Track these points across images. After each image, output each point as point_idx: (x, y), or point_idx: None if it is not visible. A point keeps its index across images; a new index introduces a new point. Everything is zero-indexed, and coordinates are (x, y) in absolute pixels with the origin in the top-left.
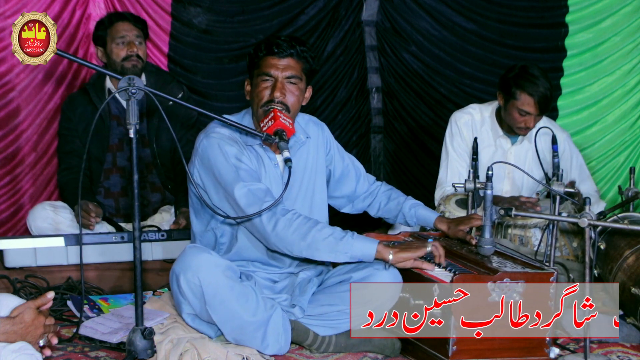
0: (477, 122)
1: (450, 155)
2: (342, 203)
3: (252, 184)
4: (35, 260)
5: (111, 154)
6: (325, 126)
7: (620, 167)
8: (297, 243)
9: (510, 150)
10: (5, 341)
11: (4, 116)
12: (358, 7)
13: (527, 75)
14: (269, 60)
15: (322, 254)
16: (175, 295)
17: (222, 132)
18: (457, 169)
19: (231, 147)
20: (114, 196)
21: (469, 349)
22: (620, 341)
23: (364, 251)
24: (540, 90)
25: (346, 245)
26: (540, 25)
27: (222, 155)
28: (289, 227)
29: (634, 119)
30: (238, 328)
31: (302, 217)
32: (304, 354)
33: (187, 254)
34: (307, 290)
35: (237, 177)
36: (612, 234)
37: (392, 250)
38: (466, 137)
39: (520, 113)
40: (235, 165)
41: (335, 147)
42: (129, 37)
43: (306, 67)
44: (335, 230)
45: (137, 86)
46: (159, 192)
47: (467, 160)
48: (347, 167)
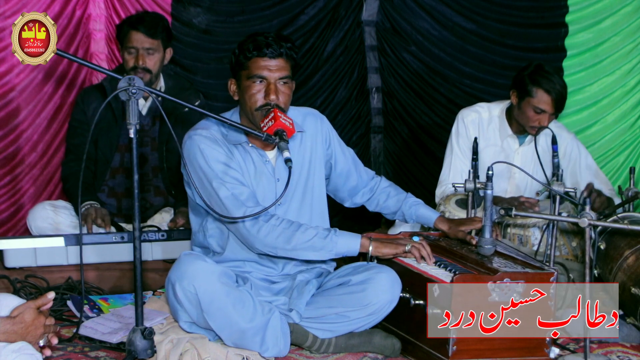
0: (485, 120)
1: (455, 153)
2: (342, 197)
3: (236, 187)
4: (35, 260)
5: (119, 154)
6: (325, 119)
7: (620, 167)
8: (282, 246)
9: (517, 151)
10: (5, 341)
11: (4, 116)
12: (358, 7)
13: (543, 73)
14: (259, 62)
15: (308, 254)
16: (171, 303)
17: (206, 133)
18: (459, 168)
19: (213, 149)
20: (117, 196)
21: (469, 349)
22: (620, 341)
23: (348, 247)
24: (557, 88)
25: (330, 243)
26: (540, 25)
27: (203, 157)
28: (273, 231)
29: (634, 119)
30: (236, 333)
31: (285, 221)
32: (304, 354)
33: (182, 262)
34: (304, 293)
35: (219, 179)
36: (612, 234)
37: (373, 244)
38: (472, 136)
39: (535, 111)
40: (217, 168)
41: (336, 141)
42: (139, 48)
43: (293, 64)
44: (318, 230)
45: (137, 86)
46: (162, 196)
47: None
48: (348, 161)
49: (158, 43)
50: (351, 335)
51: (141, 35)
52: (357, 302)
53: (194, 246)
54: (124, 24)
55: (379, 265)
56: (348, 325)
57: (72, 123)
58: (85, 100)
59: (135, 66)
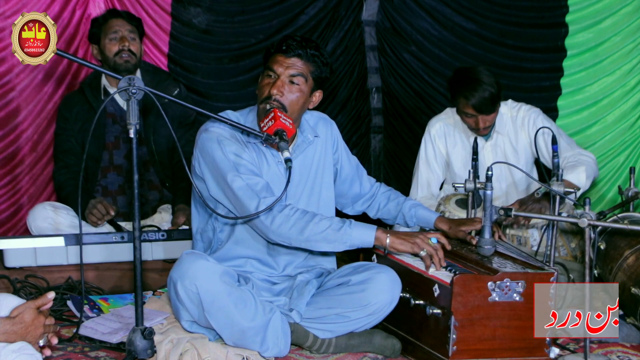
0: (450, 125)
1: (420, 167)
2: (344, 203)
3: (251, 178)
4: (35, 260)
5: (107, 152)
6: (334, 124)
7: (620, 167)
8: (295, 237)
9: (484, 147)
10: (5, 341)
11: (4, 116)
12: (358, 7)
13: (462, 79)
14: (276, 58)
15: (322, 246)
16: (173, 302)
17: (221, 130)
18: (425, 181)
19: (230, 144)
20: (111, 195)
21: (469, 349)
22: (620, 341)
23: (362, 239)
24: (475, 93)
25: (344, 235)
26: (540, 25)
27: (220, 149)
28: (287, 222)
29: (634, 119)
30: (237, 333)
31: (299, 211)
32: (304, 354)
33: (183, 261)
34: (304, 293)
35: (235, 170)
36: (612, 234)
37: (391, 238)
38: (439, 145)
39: (466, 115)
40: (233, 160)
41: (343, 147)
42: (122, 32)
43: (315, 71)
44: (332, 222)
45: (138, 86)
46: (156, 190)
47: (438, 170)
48: (352, 168)
49: (136, 33)
50: (351, 335)
51: (122, 20)
52: (357, 302)
53: (196, 241)
54: (102, 16)
55: (379, 265)
56: (348, 326)
57: (57, 131)
58: (67, 107)
59: (121, 49)
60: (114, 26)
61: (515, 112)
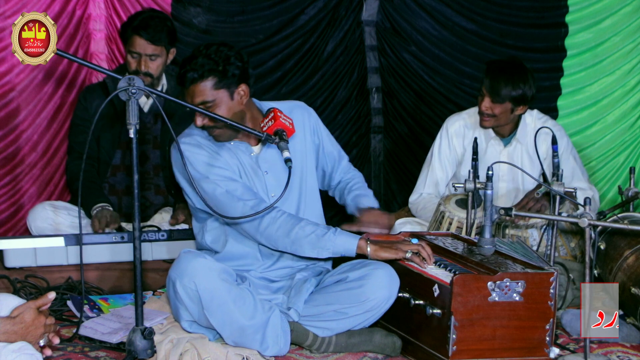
0: (470, 125)
1: (432, 165)
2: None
3: (228, 184)
4: (35, 260)
5: (121, 151)
6: (312, 111)
7: (620, 167)
8: (281, 240)
9: (502, 153)
10: (5, 341)
11: (4, 116)
12: (358, 7)
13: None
14: (187, 92)
15: (306, 251)
16: (172, 301)
17: (188, 140)
18: (435, 179)
19: (197, 154)
20: (117, 194)
21: (469, 349)
22: (620, 341)
23: (345, 247)
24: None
25: (328, 241)
26: (540, 25)
27: (190, 163)
28: (273, 224)
29: (634, 119)
30: (237, 331)
31: (285, 214)
32: (304, 354)
33: (182, 260)
34: (302, 291)
35: (209, 180)
36: (612, 234)
37: (372, 247)
38: (455, 144)
39: (480, 93)
40: (203, 170)
41: (324, 132)
42: (142, 54)
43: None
44: (318, 228)
45: (137, 86)
46: (162, 195)
47: (449, 169)
48: (335, 147)
49: (161, 49)
50: (351, 333)
51: (144, 41)
52: (355, 299)
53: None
54: (128, 26)
55: (377, 262)
56: (346, 323)
57: (75, 121)
58: (88, 98)
59: (137, 70)
60: (135, 45)
61: (539, 124)
